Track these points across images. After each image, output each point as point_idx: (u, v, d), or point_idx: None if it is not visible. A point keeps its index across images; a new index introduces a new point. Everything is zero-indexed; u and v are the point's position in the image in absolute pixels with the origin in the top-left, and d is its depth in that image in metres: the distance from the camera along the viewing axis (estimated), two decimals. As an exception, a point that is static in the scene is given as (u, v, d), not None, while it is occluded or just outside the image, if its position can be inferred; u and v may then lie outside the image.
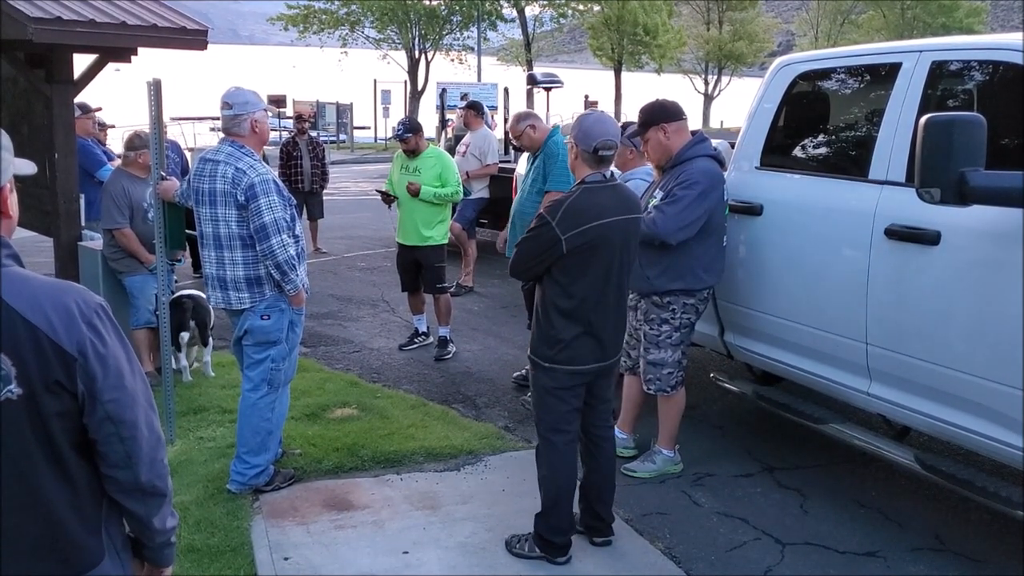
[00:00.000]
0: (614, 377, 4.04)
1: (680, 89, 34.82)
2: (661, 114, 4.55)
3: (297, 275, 4.29)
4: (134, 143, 5.94)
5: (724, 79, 44.16)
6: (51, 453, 1.79)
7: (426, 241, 6.76)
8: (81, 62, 5.98)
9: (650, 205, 4.46)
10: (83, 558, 1.85)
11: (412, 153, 6.81)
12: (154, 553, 2.02)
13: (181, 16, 5.93)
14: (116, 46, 5.71)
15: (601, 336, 3.71)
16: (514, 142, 6.32)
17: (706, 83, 43.94)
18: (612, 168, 3.79)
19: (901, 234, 3.85)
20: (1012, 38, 3.67)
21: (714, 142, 4.84)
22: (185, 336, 6.01)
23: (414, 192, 6.64)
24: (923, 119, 3.34)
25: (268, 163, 4.54)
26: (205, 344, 6.20)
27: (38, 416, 1.75)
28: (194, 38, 5.89)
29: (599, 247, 3.58)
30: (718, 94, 43.96)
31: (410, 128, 6.78)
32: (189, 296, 6.12)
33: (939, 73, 3.96)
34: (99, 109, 7.79)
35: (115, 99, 16.60)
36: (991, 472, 4.01)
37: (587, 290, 3.62)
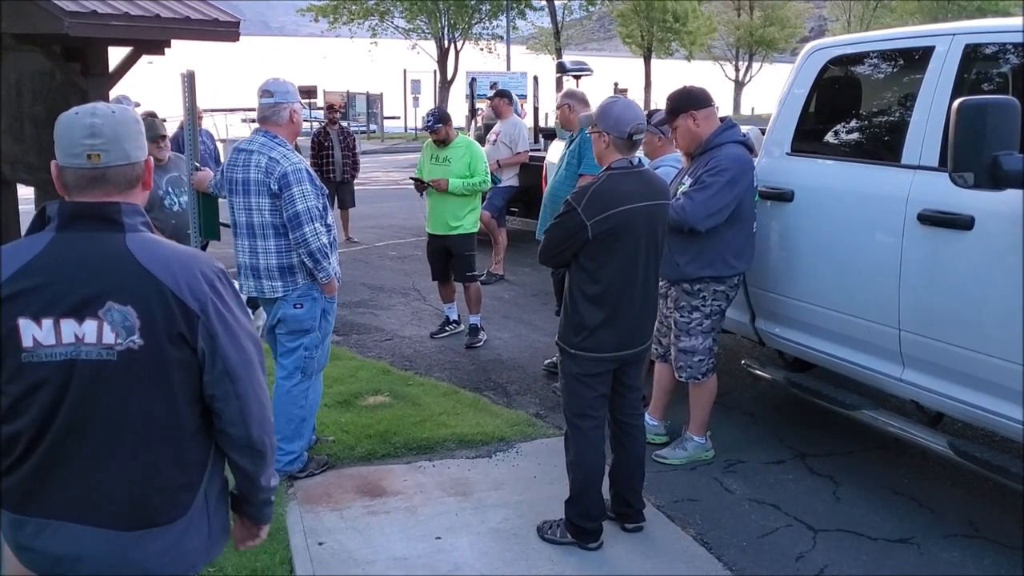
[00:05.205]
0: (643, 365, 4.04)
1: (711, 76, 34.52)
2: (690, 101, 4.53)
3: (329, 263, 4.33)
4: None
5: (755, 65, 43.71)
6: (166, 406, 1.93)
7: (455, 230, 6.79)
8: (116, 55, 6.07)
9: (679, 192, 4.45)
10: (166, 512, 1.97)
11: (442, 143, 6.84)
12: (255, 509, 2.17)
13: (213, 8, 6.00)
14: (150, 39, 5.78)
15: (627, 323, 3.71)
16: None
17: (737, 70, 43.53)
18: (639, 154, 3.79)
19: (934, 219, 3.82)
20: (1047, 19, 3.62)
21: (744, 128, 4.82)
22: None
23: (442, 189, 6.68)
24: (956, 103, 3.30)
25: (300, 153, 4.58)
26: None
27: (161, 366, 1.89)
28: (226, 30, 5.96)
29: (624, 232, 3.58)
30: (749, 80, 43.51)
31: (439, 118, 6.81)
32: None
33: (972, 56, 3.91)
34: (137, 104, 7.91)
35: (146, 90, 16.80)
36: (1026, 459, 3.98)
37: (613, 276, 3.63)
